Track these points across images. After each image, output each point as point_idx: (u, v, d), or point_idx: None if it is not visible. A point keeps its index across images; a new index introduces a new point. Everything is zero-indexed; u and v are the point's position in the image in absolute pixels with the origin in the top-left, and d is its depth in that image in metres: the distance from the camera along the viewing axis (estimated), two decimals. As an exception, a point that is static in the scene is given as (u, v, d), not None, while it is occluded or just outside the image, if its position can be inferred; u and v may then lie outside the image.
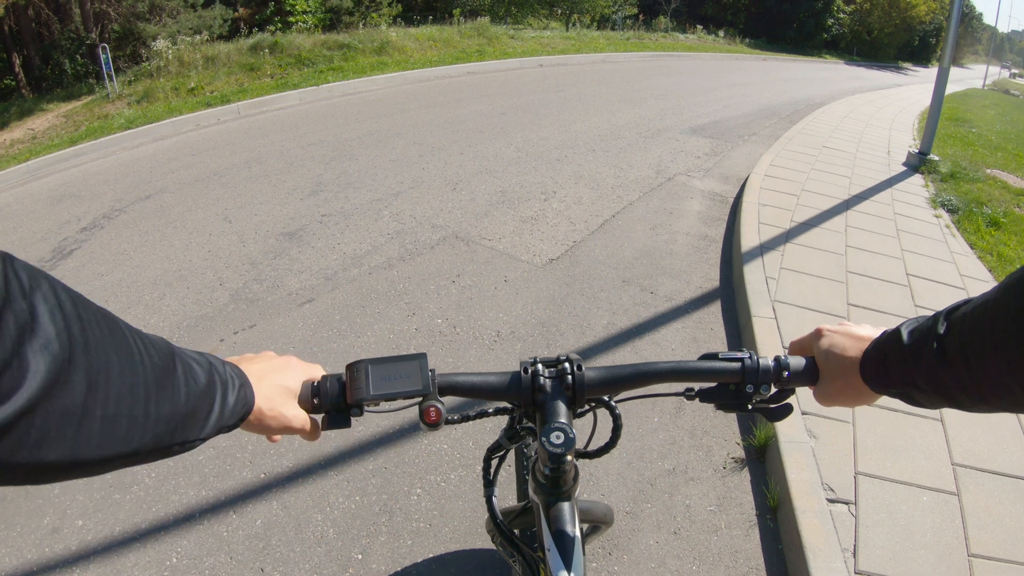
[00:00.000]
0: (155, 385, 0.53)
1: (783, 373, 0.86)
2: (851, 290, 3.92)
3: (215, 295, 3.91)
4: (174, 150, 7.63)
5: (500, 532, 1.06)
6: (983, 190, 6.59)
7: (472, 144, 7.27)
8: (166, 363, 0.56)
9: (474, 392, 0.89)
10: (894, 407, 2.84)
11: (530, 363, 0.89)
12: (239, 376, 0.72)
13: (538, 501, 0.96)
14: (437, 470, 2.53)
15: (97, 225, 5.24)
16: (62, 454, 0.44)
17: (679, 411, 2.90)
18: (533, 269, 4.19)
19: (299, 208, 5.28)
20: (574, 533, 0.91)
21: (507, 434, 1.03)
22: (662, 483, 2.52)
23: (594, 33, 21.04)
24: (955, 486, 2.48)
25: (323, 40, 13.33)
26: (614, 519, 1.57)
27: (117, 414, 0.48)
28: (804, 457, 2.52)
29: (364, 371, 0.82)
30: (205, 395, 0.62)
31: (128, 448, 0.51)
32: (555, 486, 0.92)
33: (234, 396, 0.68)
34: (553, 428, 0.83)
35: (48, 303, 0.43)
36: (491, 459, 1.09)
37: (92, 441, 0.46)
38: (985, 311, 0.62)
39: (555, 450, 0.81)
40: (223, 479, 2.51)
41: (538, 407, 0.88)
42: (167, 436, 0.56)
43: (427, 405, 0.82)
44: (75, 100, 12.10)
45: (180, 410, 0.57)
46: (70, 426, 0.44)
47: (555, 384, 0.88)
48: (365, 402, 0.81)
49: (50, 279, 0.46)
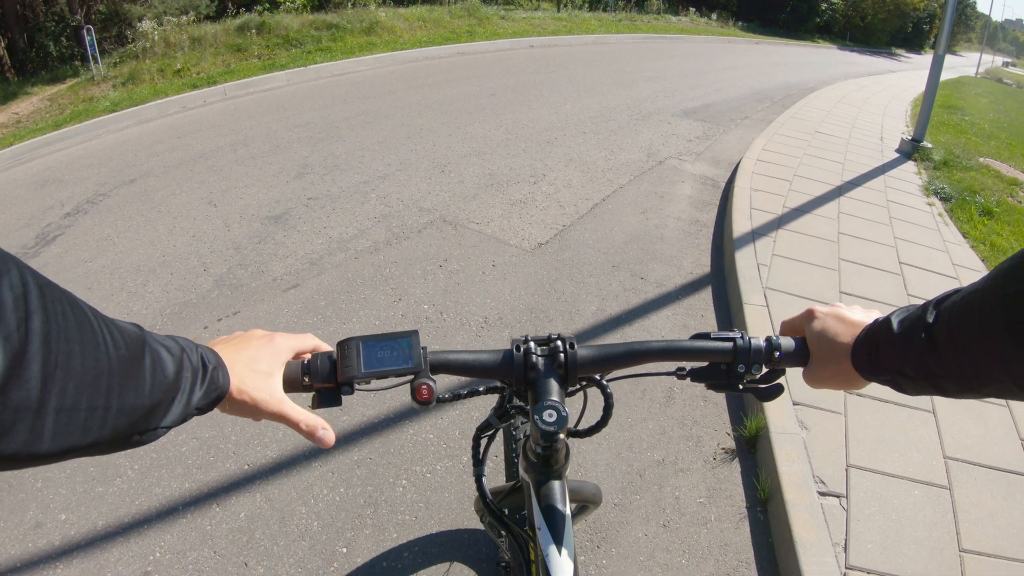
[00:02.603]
0: (120, 376, 0.52)
1: (774, 353, 0.86)
2: (843, 278, 3.89)
3: (199, 281, 3.84)
4: (159, 132, 7.49)
5: (489, 511, 1.05)
6: (976, 179, 6.56)
7: (461, 126, 7.17)
8: (133, 353, 0.55)
9: (466, 370, 0.88)
10: (886, 398, 2.82)
11: (522, 341, 0.88)
12: (213, 359, 0.69)
13: (529, 480, 0.96)
14: (423, 460, 2.49)
15: (81, 210, 5.13)
16: (16, 448, 0.43)
17: (669, 400, 2.87)
18: (521, 254, 4.13)
19: (285, 191, 5.19)
20: (565, 511, 0.92)
21: (497, 413, 1.03)
22: (651, 474, 2.49)
23: (586, 14, 20.81)
24: (947, 480, 2.47)
25: (311, 20, 13.11)
26: (602, 499, 1.58)
27: (75, 407, 0.47)
28: (795, 449, 2.49)
29: (355, 348, 0.81)
30: (172, 385, 0.60)
31: (85, 440, 0.49)
32: (546, 464, 0.93)
33: (205, 382, 0.66)
34: (545, 406, 0.82)
35: (14, 292, 0.42)
36: (480, 439, 1.09)
37: (47, 435, 0.45)
38: (973, 300, 0.62)
39: (548, 428, 0.80)
40: (206, 471, 2.46)
41: (530, 385, 0.87)
42: (128, 427, 0.55)
43: (418, 383, 0.81)
44: (60, 83, 11.87)
45: (144, 401, 0.56)
46: (25, 420, 0.43)
47: (547, 362, 0.87)
48: (356, 380, 0.80)
49: (20, 265, 0.44)
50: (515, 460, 1.14)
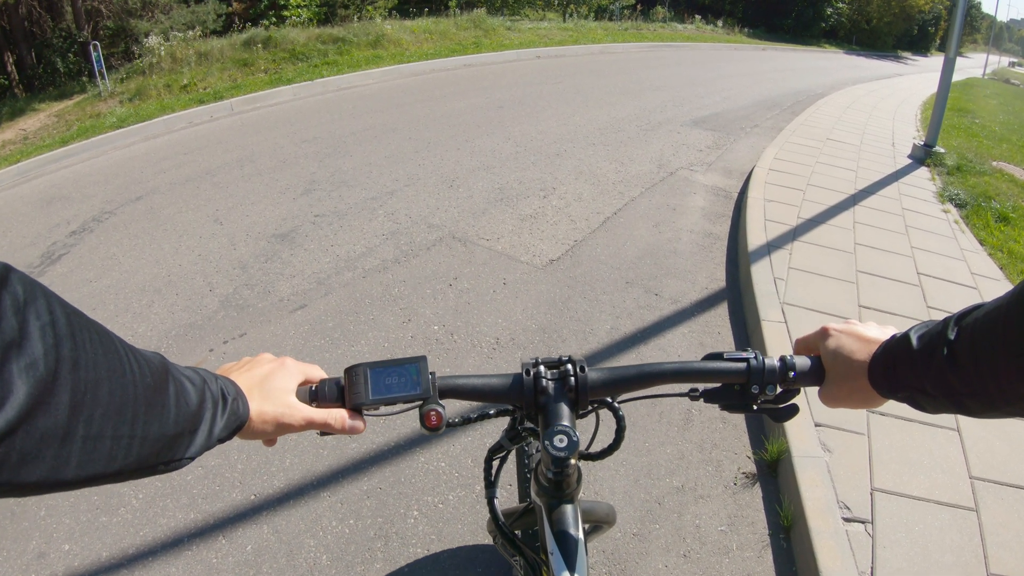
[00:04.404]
0: (144, 405, 0.52)
1: (789, 373, 0.84)
2: (862, 291, 3.80)
3: (204, 302, 3.79)
4: (166, 149, 7.48)
5: (502, 533, 1.03)
6: (990, 183, 6.46)
7: (469, 139, 7.12)
8: (158, 382, 0.55)
9: (475, 395, 0.87)
10: (909, 416, 2.73)
11: (532, 364, 0.87)
12: (232, 390, 0.70)
13: (540, 503, 0.94)
14: (435, 490, 2.42)
15: (87, 228, 5.11)
16: (42, 475, 0.43)
17: (687, 423, 2.79)
18: (533, 270, 4.06)
19: (291, 208, 5.15)
20: (577, 536, 0.90)
21: (508, 435, 1.01)
22: (670, 502, 2.41)
23: (592, 24, 20.81)
24: (973, 501, 2.38)
25: (317, 34, 13.14)
26: (616, 518, 1.52)
27: (101, 435, 0.47)
28: (818, 473, 2.40)
29: (363, 375, 0.80)
30: (195, 415, 0.61)
31: (111, 468, 0.50)
32: (558, 489, 0.91)
33: (226, 413, 0.66)
34: (556, 431, 0.80)
35: (41, 320, 0.43)
36: (492, 460, 1.08)
37: (73, 461, 0.45)
38: (997, 317, 0.61)
39: (558, 454, 0.79)
40: (212, 501, 2.40)
41: (540, 410, 0.86)
42: (152, 456, 0.55)
43: (427, 409, 0.79)
44: (67, 99, 11.93)
45: (168, 431, 0.56)
46: (51, 447, 0.43)
47: (557, 386, 0.86)
48: (364, 407, 0.79)
49: (48, 294, 0.45)
50: (528, 481, 1.13)
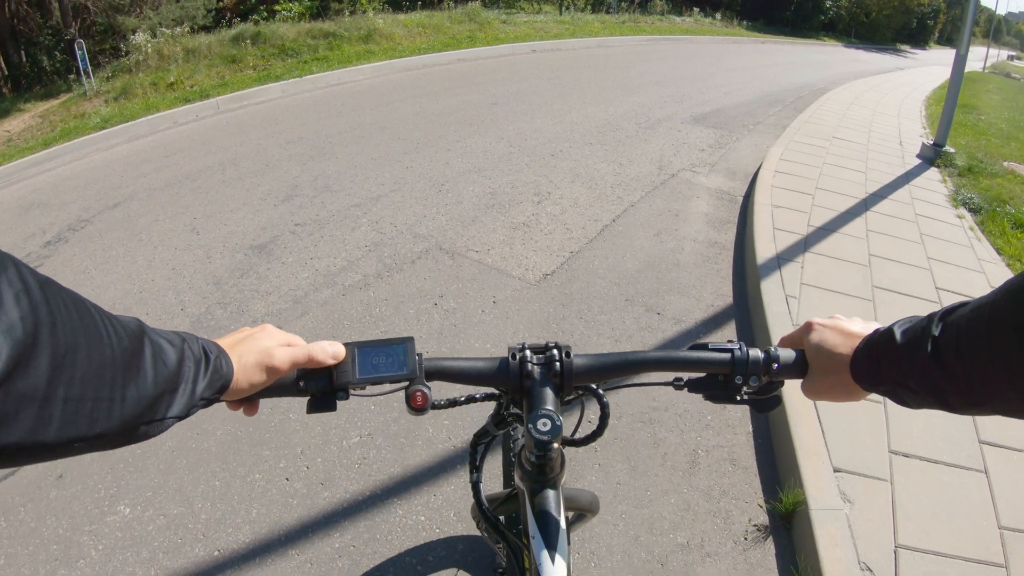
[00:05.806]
0: (122, 368, 0.53)
1: (772, 365, 0.84)
2: (879, 308, 3.55)
3: (175, 322, 3.54)
4: (148, 151, 7.20)
5: (485, 518, 1.03)
6: (1003, 186, 6.20)
7: (460, 139, 6.85)
8: (134, 346, 0.56)
9: (461, 377, 0.87)
10: (933, 457, 2.50)
11: (518, 349, 0.87)
12: (214, 349, 0.70)
13: (523, 488, 0.94)
14: (413, 550, 2.17)
15: (62, 238, 4.86)
16: (22, 436, 0.43)
17: (693, 466, 2.53)
18: (525, 287, 3.80)
19: (271, 216, 4.88)
20: (559, 520, 0.90)
21: (494, 420, 1.01)
22: (675, 561, 2.16)
23: (589, 16, 20.45)
24: (1003, 556, 2.15)
25: (308, 29, 12.80)
26: (599, 508, 1.51)
27: (83, 397, 0.48)
28: (838, 528, 2.16)
29: (351, 354, 0.81)
30: (175, 375, 0.61)
31: (92, 431, 0.50)
32: (541, 473, 0.90)
33: (209, 371, 0.66)
34: (540, 415, 0.81)
35: (14, 287, 0.43)
36: (478, 445, 1.07)
37: (54, 424, 0.45)
38: (983, 314, 0.60)
39: (541, 437, 0.79)
40: (173, 556, 2.18)
41: (525, 394, 0.86)
42: (134, 418, 0.55)
43: (413, 390, 0.81)
44: (53, 98, 11.64)
45: (148, 392, 0.56)
46: (31, 408, 0.43)
47: (543, 371, 0.86)
48: (351, 386, 0.80)
49: (17, 263, 0.45)
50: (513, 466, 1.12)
